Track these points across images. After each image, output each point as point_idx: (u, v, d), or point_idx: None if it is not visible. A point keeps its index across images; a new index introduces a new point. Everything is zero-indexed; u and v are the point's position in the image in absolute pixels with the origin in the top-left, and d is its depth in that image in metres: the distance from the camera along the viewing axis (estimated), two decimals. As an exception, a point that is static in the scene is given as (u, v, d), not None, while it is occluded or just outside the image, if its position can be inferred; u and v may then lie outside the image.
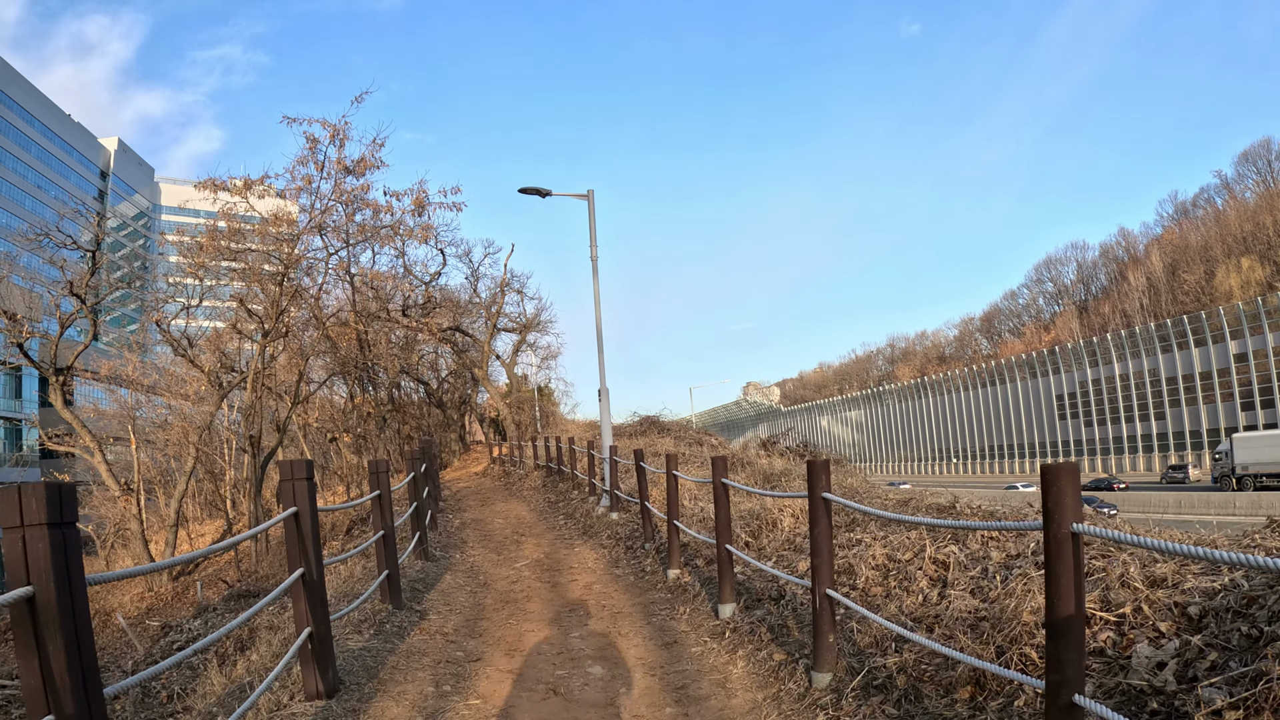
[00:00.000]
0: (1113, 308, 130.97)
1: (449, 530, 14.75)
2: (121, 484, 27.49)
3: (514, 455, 29.03)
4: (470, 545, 13.17)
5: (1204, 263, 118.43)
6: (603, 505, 14.40)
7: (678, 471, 9.32)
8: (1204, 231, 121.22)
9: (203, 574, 29.17)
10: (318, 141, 24.72)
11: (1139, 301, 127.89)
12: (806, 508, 5.92)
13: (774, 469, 13.19)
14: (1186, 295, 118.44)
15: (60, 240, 24.90)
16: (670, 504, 9.27)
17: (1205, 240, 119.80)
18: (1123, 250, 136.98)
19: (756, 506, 10.11)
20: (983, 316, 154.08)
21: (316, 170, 24.75)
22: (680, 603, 8.30)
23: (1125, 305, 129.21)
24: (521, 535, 13.98)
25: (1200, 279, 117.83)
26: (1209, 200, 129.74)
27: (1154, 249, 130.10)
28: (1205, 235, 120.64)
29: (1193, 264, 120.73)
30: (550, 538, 13.58)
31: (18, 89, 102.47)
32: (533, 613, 8.55)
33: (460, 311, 38.38)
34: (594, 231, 14.99)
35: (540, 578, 10.44)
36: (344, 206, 25.39)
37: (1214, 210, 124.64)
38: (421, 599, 8.99)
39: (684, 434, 23.18)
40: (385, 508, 8.26)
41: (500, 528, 15.08)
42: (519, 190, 15.36)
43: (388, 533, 8.22)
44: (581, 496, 16.82)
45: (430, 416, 41.46)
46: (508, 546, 12.97)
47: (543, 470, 22.76)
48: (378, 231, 26.48)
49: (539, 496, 19.50)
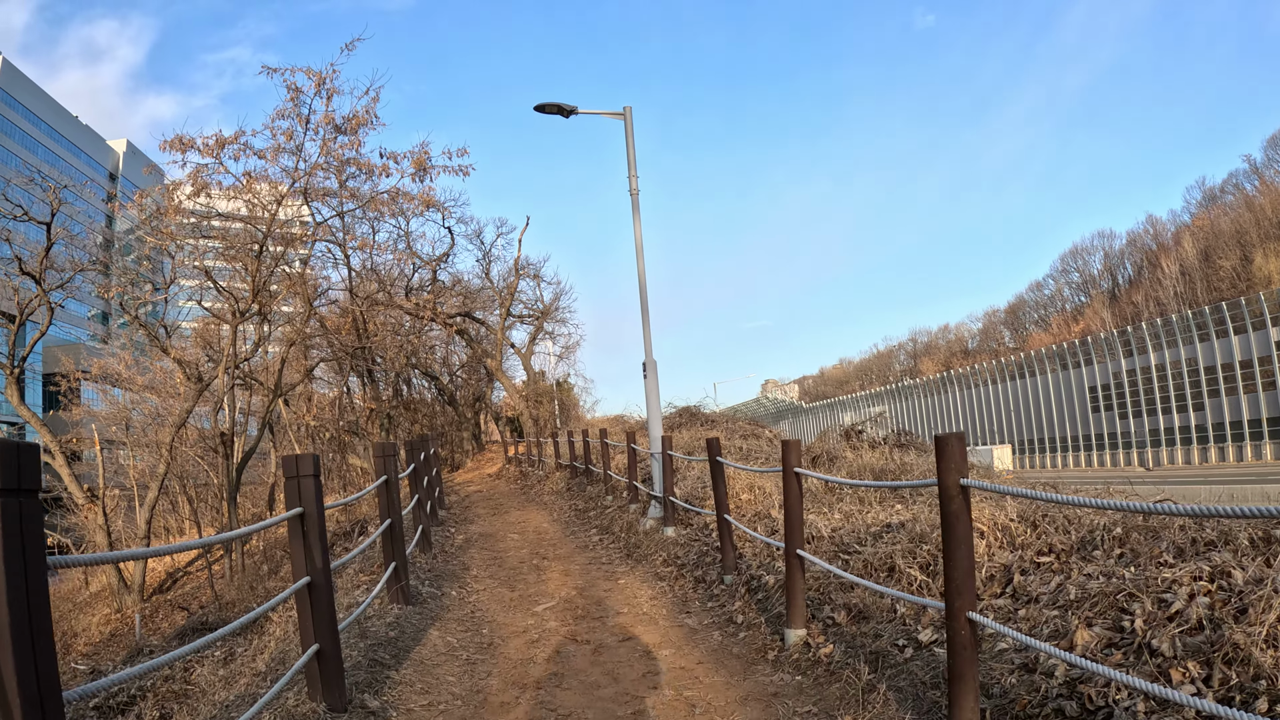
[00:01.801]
0: (1145, 296, 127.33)
1: (449, 550, 11.22)
2: (85, 491, 24.20)
3: (532, 454, 25.51)
4: (474, 574, 9.64)
5: (1239, 248, 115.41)
6: (651, 516, 10.83)
7: (805, 469, 5.72)
8: (1236, 217, 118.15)
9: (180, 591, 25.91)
10: (301, 92, 21.24)
11: (1173, 289, 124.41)
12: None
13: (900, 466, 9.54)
14: (1222, 282, 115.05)
15: (7, 210, 21.66)
16: (790, 524, 5.70)
17: (1238, 226, 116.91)
18: (1151, 238, 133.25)
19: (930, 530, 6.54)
20: (1008, 309, 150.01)
21: (300, 125, 21.30)
22: (829, 699, 4.74)
23: (1159, 293, 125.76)
24: (543, 558, 10.44)
25: (1236, 265, 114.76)
26: (1238, 186, 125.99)
27: (1185, 236, 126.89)
28: (1238, 221, 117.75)
29: (1227, 250, 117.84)
30: (582, 561, 10.04)
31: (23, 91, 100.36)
32: (570, 717, 5.01)
33: (472, 299, 34.92)
34: (633, 157, 11.46)
35: (575, 635, 6.90)
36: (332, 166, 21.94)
37: (1244, 196, 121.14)
38: (382, 684, 5.47)
39: (733, 425, 19.58)
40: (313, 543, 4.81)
41: (515, 546, 11.55)
42: (535, 108, 11.85)
43: (315, 579, 4.78)
44: (619, 504, 13.25)
45: (443, 415, 38.09)
46: (524, 575, 9.43)
47: (566, 471, 19.23)
48: (374, 198, 22.96)
49: (563, 503, 15.98)
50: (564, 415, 36.50)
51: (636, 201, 11.32)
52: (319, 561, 4.96)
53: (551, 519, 14.20)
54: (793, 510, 5.67)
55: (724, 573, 7.82)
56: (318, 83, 21.28)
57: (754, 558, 7.96)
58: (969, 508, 3.71)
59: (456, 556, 10.77)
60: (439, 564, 10.10)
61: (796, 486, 5.68)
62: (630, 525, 11.19)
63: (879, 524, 7.51)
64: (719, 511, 7.77)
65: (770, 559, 7.66)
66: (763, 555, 7.88)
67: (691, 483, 11.21)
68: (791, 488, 5.67)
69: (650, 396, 10.99)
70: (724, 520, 7.74)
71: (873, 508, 8.44)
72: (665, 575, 8.62)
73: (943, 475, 3.71)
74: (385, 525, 7.62)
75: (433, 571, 9.47)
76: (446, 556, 10.70)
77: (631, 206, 11.27)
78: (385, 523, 7.63)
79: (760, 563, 7.65)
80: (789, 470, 5.66)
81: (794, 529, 5.65)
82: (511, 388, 34.58)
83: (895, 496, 8.73)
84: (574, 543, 11.39)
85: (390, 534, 7.66)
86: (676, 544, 9.39)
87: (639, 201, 11.32)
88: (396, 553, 7.68)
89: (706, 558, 8.53)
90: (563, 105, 11.76)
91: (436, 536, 12.18)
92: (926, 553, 5.96)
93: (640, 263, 11.10)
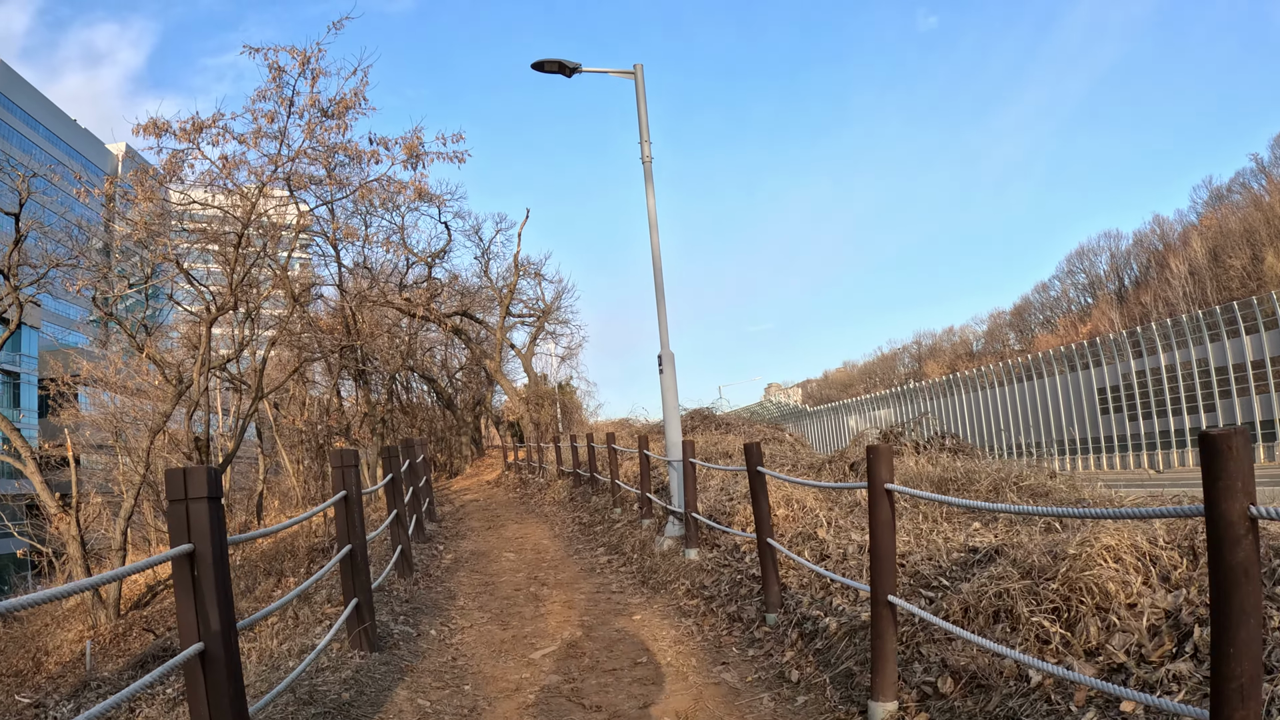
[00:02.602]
0: (1154, 296, 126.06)
1: (433, 573, 9.70)
2: (57, 500, 22.70)
3: (532, 460, 23.98)
4: (460, 604, 8.12)
5: (1249, 247, 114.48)
6: (669, 535, 9.28)
7: (897, 485, 4.17)
8: (1245, 216, 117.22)
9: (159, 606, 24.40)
10: (284, 71, 19.75)
11: (1182, 289, 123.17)
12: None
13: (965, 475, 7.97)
14: (1232, 281, 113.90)
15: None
16: (880, 562, 4.17)
17: (1248, 225, 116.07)
18: (1158, 239, 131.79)
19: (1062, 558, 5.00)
20: (1013, 310, 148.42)
21: (282, 107, 19.82)
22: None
23: (1168, 294, 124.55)
24: (543, 584, 8.91)
25: (1246, 264, 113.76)
26: (1245, 185, 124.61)
27: (1193, 235, 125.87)
28: (1247, 219, 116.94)
29: (1237, 249, 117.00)
30: (588, 589, 8.51)
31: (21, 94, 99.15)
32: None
33: (470, 299, 33.40)
34: (645, 121, 9.96)
35: (581, 695, 5.38)
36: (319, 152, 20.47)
37: (1252, 195, 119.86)
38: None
39: (751, 429, 18.00)
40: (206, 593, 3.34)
41: (510, 568, 10.02)
42: (534, 65, 10.36)
43: (210, 647, 3.35)
44: (629, 518, 11.70)
45: (442, 419, 36.56)
46: (520, 607, 7.91)
47: (569, 479, 17.70)
48: (363, 186, 21.44)
49: (565, 515, 14.44)
50: (566, 419, 35.00)
51: (649, 170, 9.81)
52: (215, 622, 3.49)
53: (553, 534, 12.66)
54: (883, 544, 4.16)
55: (766, 610, 6.31)
56: (302, 62, 19.78)
57: (801, 589, 6.45)
58: (1257, 553, 2.19)
59: (442, 581, 9.24)
60: (420, 591, 8.57)
61: (888, 509, 4.16)
62: (644, 545, 9.65)
63: (960, 548, 6.00)
64: (760, 534, 6.25)
65: (824, 594, 6.15)
66: (813, 587, 6.36)
67: (714, 495, 9.69)
68: (882, 512, 4.15)
69: (667, 394, 9.44)
70: (766, 545, 6.22)
71: (939, 524, 6.94)
72: (691, 610, 7.09)
73: (1219, 499, 2.19)
74: (344, 553, 6.11)
75: (411, 602, 7.95)
76: (430, 581, 9.18)
77: (644, 175, 9.77)
78: (343, 549, 6.12)
79: (813, 598, 6.14)
80: (878, 487, 4.14)
81: (884, 569, 4.13)
82: (512, 390, 33.06)
83: (967, 513, 7.21)
84: (578, 564, 9.86)
85: (350, 564, 6.14)
86: (702, 570, 7.85)
87: (652, 170, 9.82)
88: (358, 586, 6.16)
89: (741, 589, 7.01)
90: (564, 62, 10.27)
91: (422, 555, 10.67)
92: (1055, 594, 4.43)
93: (654, 239, 9.59)
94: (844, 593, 6.04)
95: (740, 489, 9.41)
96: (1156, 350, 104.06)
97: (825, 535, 7.35)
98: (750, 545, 7.86)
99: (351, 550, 6.13)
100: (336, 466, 6.17)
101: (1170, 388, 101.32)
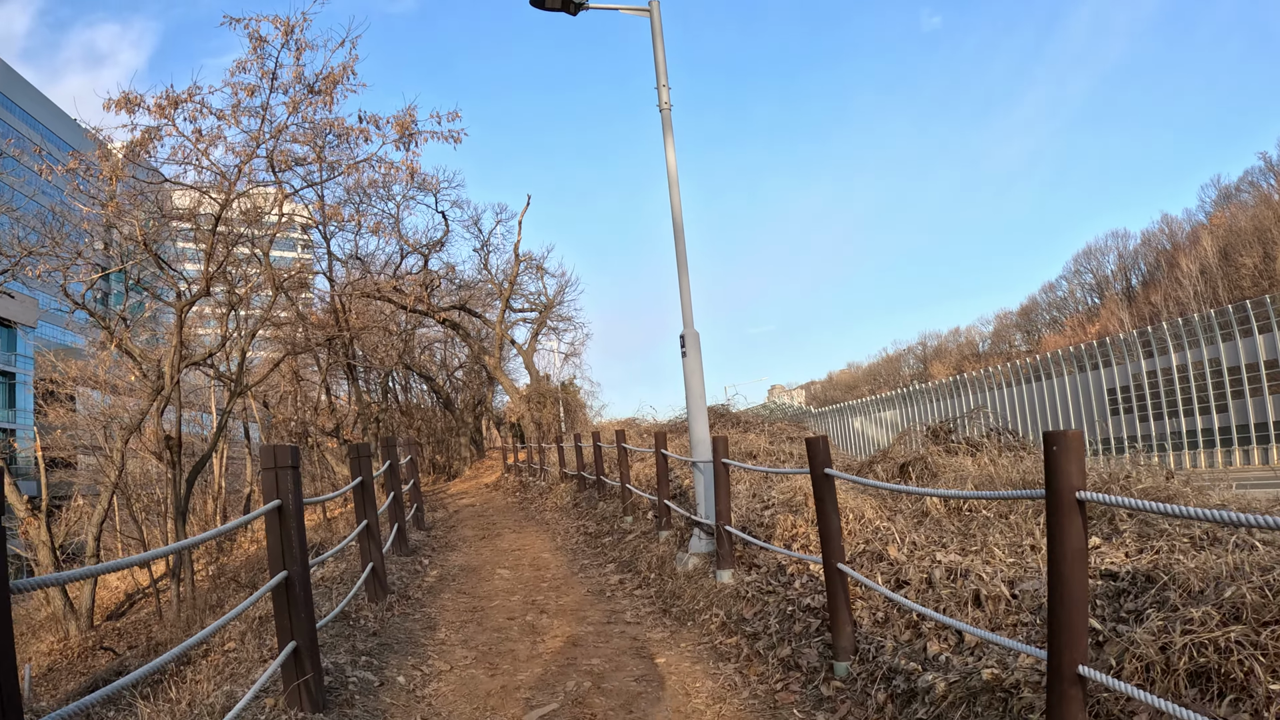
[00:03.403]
0: (1164, 296, 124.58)
1: (413, 595, 8.17)
2: (25, 503, 21.22)
3: (533, 462, 22.45)
4: (441, 637, 6.59)
5: (1260, 245, 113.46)
6: (694, 551, 7.72)
7: (1092, 493, 2.66)
8: (1255, 214, 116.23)
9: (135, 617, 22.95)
10: (265, 42, 18.34)
11: (1193, 289, 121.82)
12: None
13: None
14: (1244, 280, 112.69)
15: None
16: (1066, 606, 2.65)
17: (1259, 223, 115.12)
18: (1166, 238, 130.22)
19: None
20: (1020, 311, 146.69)
21: (264, 80, 18.38)
22: None
23: (1179, 293, 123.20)
24: (542, 610, 7.37)
25: (1258, 262, 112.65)
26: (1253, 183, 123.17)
27: (1203, 234, 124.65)
28: (1258, 218, 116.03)
29: (1248, 248, 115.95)
30: (598, 618, 6.98)
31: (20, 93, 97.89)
32: None
33: (469, 293, 31.90)
34: (662, 63, 8.45)
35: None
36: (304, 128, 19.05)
37: (1261, 193, 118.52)
38: None
39: (773, 428, 16.44)
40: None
41: (504, 589, 8.49)
42: (533, 2, 8.87)
43: None
44: (643, 528, 10.14)
45: (441, 420, 35.08)
46: (514, 643, 6.37)
47: (572, 482, 16.17)
48: (352, 165, 19.95)
49: (569, 522, 12.90)
50: (569, 419, 33.49)
51: (668, 118, 8.29)
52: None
53: (554, 546, 11.12)
54: (1073, 585, 2.64)
55: (834, 656, 4.78)
56: (285, 32, 18.36)
57: (876, 628, 4.93)
58: None
59: (422, 606, 7.71)
60: (393, 620, 7.05)
61: (1080, 530, 2.64)
62: (663, 562, 8.10)
63: (1091, 572, 4.47)
64: (829, 556, 4.72)
65: (912, 635, 4.62)
66: (895, 625, 4.84)
67: (744, 502, 8.15)
68: (1071, 533, 2.63)
69: (691, 380, 7.88)
70: (837, 571, 4.69)
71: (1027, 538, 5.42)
72: (729, 651, 5.57)
73: None
74: (276, 581, 4.60)
75: (379, 635, 6.43)
76: (407, 606, 7.65)
77: (662, 124, 8.26)
78: (276, 577, 4.61)
79: (897, 641, 4.61)
80: (1065, 497, 2.61)
81: (1073, 624, 2.62)
82: (512, 389, 31.54)
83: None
84: (585, 585, 8.32)
85: (286, 596, 4.63)
86: (739, 598, 6.31)
87: (670, 118, 8.31)
88: (297, 626, 4.64)
89: (794, 625, 5.47)
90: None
91: (402, 572, 9.15)
92: None
93: (674, 196, 8.07)
94: (942, 636, 4.53)
95: (779, 495, 7.88)
96: (1168, 350, 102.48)
97: (897, 554, 5.83)
98: (798, 567, 6.34)
99: (287, 579, 4.61)
100: (268, 468, 4.66)
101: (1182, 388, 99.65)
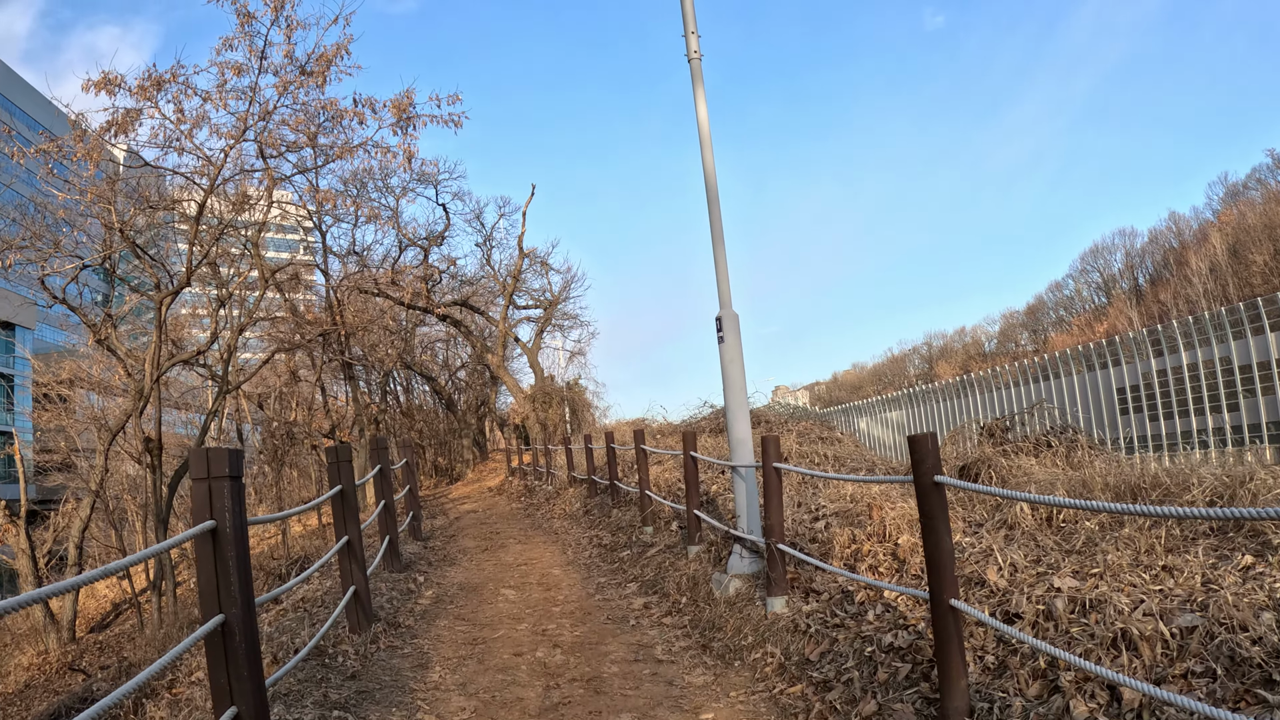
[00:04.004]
0: (1173, 294, 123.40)
1: (405, 620, 7.04)
2: (3, 509, 20.15)
3: (539, 465, 21.32)
4: (434, 679, 5.46)
5: (1270, 242, 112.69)
6: (734, 571, 6.55)
7: None
8: (1265, 211, 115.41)
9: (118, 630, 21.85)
10: (253, 18, 17.25)
11: (1202, 286, 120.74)
12: None
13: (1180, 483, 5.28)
14: (1254, 277, 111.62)
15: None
16: None
17: (1269, 220, 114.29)
18: (1174, 236, 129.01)
19: None
20: (1026, 310, 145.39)
21: (252, 58, 17.29)
22: None
23: (1188, 291, 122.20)
24: (555, 644, 6.22)
25: (1269, 259, 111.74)
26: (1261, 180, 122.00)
27: (1212, 232, 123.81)
28: (1268, 214, 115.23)
29: (1258, 245, 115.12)
30: (622, 654, 5.83)
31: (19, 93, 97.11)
32: None
33: (472, 291, 30.79)
34: (690, 5, 7.34)
35: None
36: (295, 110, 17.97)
37: (1269, 190, 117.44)
38: None
39: (801, 427, 15.13)
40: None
41: (510, 614, 7.35)
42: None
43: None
44: (667, 540, 8.96)
45: (444, 421, 33.99)
46: (521, 690, 5.23)
47: (582, 486, 15.03)
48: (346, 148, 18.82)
49: (580, 532, 11.75)
50: (575, 420, 32.38)
51: (698, 68, 7.17)
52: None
53: (565, 560, 9.97)
54: None
55: (943, 717, 3.64)
56: (275, 8, 17.28)
57: (986, 675, 3.80)
58: None
59: (413, 636, 6.58)
60: (378, 655, 5.92)
61: None
62: (695, 583, 6.94)
63: (1250, 602, 3.35)
64: (941, 589, 3.58)
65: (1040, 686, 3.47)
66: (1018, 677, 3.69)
67: (789, 512, 7.01)
68: None
69: (730, 369, 6.70)
70: (950, 609, 3.55)
71: (1162, 556, 4.29)
72: (795, 705, 4.43)
73: None
74: (210, 626, 3.47)
75: (358, 678, 5.30)
76: (396, 635, 6.52)
77: (691, 76, 7.14)
78: (211, 621, 3.48)
79: (1025, 699, 3.47)
80: None
81: None
82: (516, 388, 30.41)
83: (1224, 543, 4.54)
84: (603, 610, 7.17)
85: (222, 643, 3.50)
86: (798, 631, 5.17)
87: (701, 69, 7.19)
88: (237, 685, 3.51)
89: (878, 670, 4.34)
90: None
91: (393, 592, 8.02)
92: None
93: (707, 158, 6.95)
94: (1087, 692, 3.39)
95: (829, 504, 6.73)
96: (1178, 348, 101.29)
97: (997, 579, 4.69)
98: (868, 594, 5.20)
99: (224, 625, 3.48)
100: (199, 478, 3.53)
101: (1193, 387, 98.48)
